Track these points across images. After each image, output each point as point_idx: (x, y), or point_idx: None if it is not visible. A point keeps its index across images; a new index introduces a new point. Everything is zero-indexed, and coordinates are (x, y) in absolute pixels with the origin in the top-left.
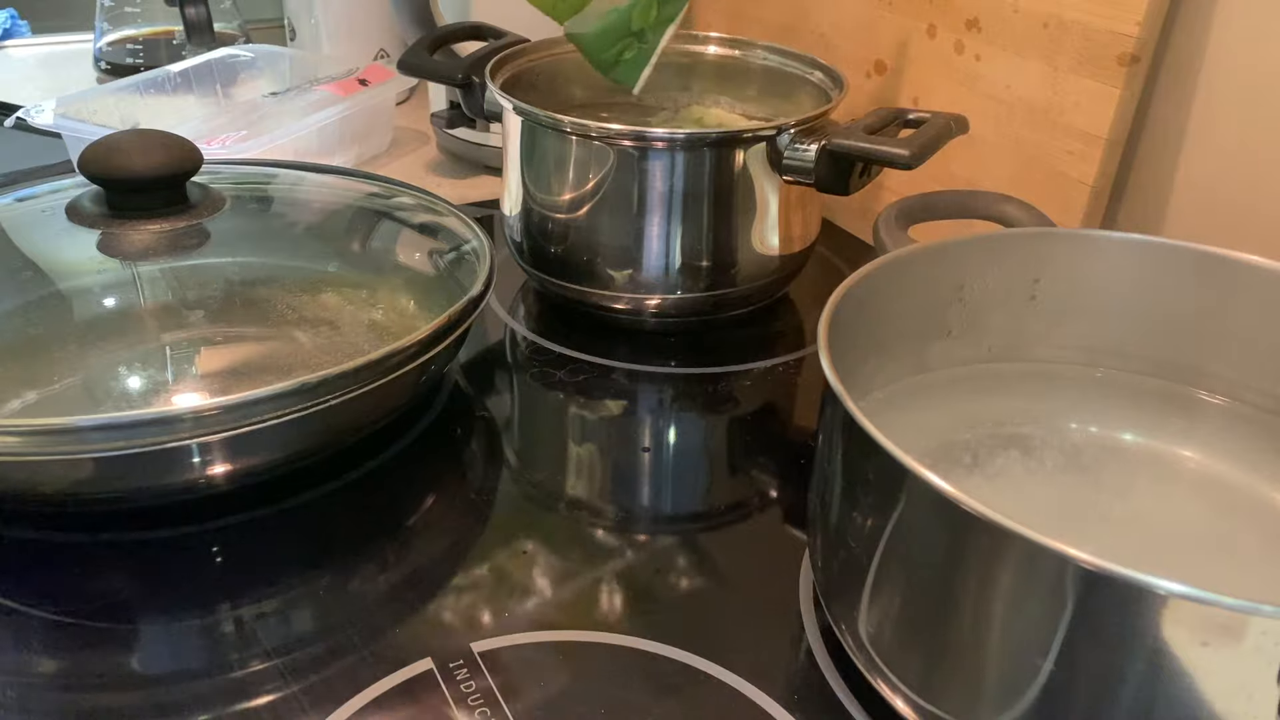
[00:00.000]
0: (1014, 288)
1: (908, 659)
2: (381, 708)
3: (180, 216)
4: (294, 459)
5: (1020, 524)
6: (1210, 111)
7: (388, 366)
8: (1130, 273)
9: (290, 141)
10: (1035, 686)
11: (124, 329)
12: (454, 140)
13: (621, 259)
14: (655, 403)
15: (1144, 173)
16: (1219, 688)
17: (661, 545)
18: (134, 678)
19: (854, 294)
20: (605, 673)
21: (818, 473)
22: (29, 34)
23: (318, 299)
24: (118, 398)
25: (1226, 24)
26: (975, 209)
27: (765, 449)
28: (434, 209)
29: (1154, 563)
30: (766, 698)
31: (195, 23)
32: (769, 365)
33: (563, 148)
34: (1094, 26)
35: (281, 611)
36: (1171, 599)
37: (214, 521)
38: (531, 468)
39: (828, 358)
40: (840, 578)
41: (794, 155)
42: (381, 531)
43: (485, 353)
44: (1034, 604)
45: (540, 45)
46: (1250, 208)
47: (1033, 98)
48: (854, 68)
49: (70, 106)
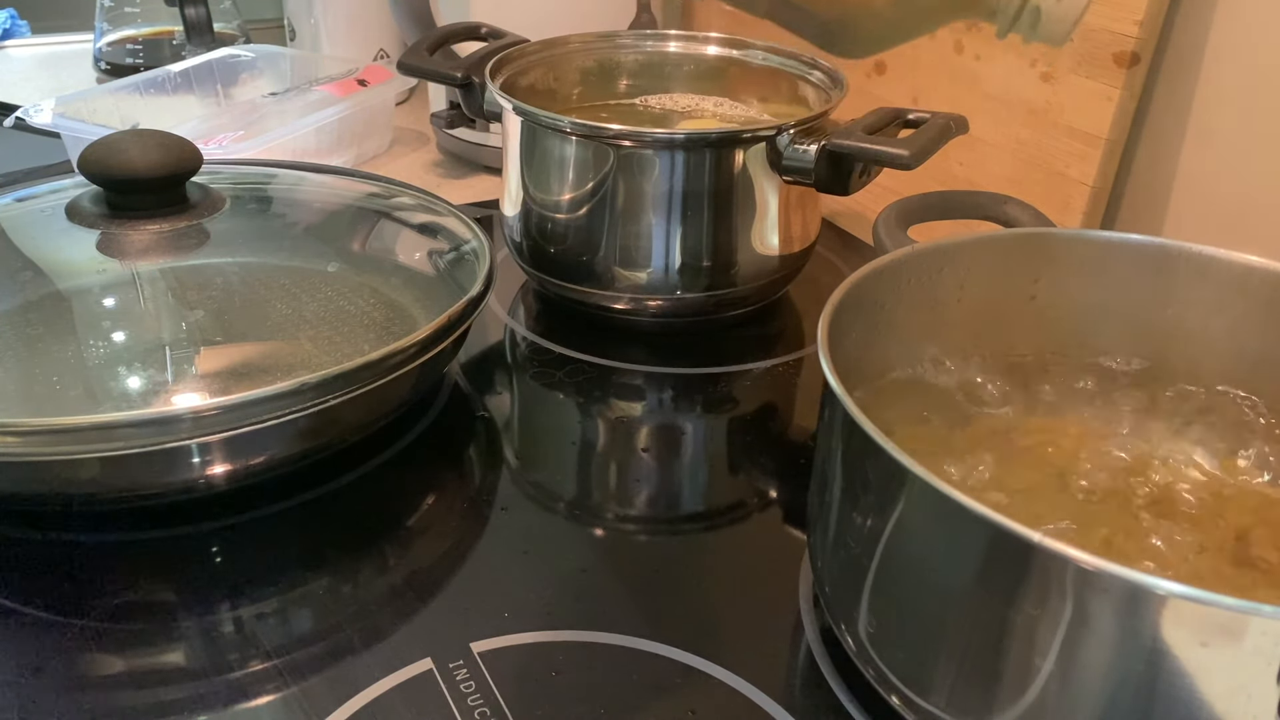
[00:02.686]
0: (1014, 288)
1: (907, 659)
2: (381, 708)
3: (180, 216)
4: (294, 459)
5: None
6: (1210, 111)
7: (388, 366)
8: (1130, 273)
9: (289, 141)
10: (1035, 686)
11: (123, 329)
12: (454, 140)
13: (621, 259)
14: (655, 403)
15: (1144, 173)
16: (1218, 688)
17: (661, 545)
18: (134, 678)
19: (854, 294)
20: (605, 673)
21: (818, 473)
22: (29, 34)
23: (317, 299)
24: (118, 398)
25: (1226, 24)
26: (975, 209)
27: (765, 449)
28: (434, 209)
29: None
30: (766, 698)
31: (195, 23)
32: (769, 365)
33: (563, 148)
34: (1093, 26)
35: (281, 611)
36: (1171, 599)
37: (214, 521)
38: (531, 468)
39: (827, 358)
40: (840, 578)
41: (794, 155)
42: (381, 531)
43: (485, 353)
44: (1033, 604)
45: (540, 45)
46: (1250, 208)
47: (1033, 98)
48: (854, 68)
49: (69, 106)
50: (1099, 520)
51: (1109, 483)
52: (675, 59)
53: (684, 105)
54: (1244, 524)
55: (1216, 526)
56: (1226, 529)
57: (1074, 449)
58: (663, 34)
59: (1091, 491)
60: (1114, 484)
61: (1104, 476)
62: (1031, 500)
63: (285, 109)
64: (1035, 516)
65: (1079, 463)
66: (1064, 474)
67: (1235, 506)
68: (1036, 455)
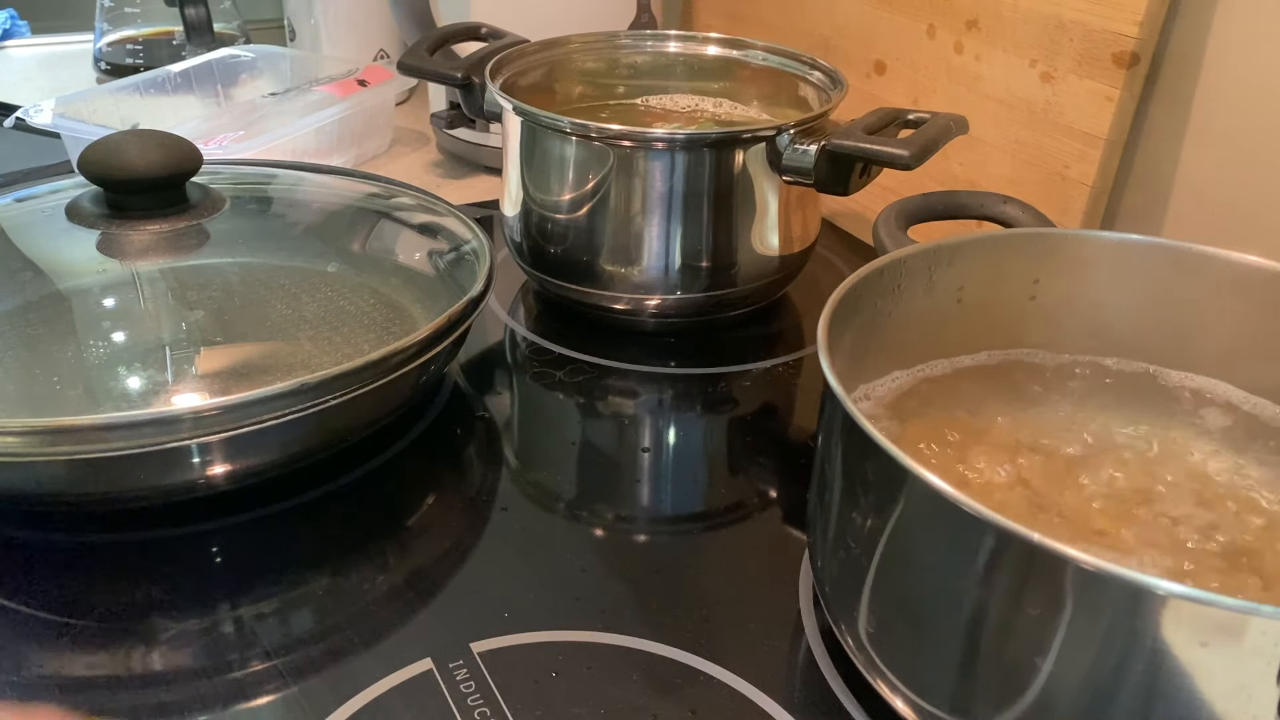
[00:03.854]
0: (1014, 288)
1: (907, 659)
2: (381, 708)
3: (180, 217)
4: (294, 459)
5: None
6: (1210, 111)
7: (388, 366)
8: (1130, 273)
9: (289, 142)
10: (1035, 686)
11: (123, 329)
12: (454, 140)
13: (621, 259)
14: (655, 403)
15: (1144, 173)
16: (1218, 688)
17: (661, 545)
18: (134, 678)
19: (854, 294)
20: (605, 673)
21: (818, 473)
22: (29, 34)
23: (317, 299)
24: (118, 398)
25: (1226, 24)
26: (975, 209)
27: (765, 449)
28: (434, 209)
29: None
30: (766, 698)
31: (195, 23)
32: (769, 365)
33: (563, 148)
34: (1093, 26)
35: (281, 611)
36: (1171, 599)
37: (214, 521)
38: (531, 468)
39: (827, 358)
40: (840, 578)
41: (794, 155)
42: (381, 531)
43: (485, 353)
44: (1033, 604)
45: (540, 45)
46: (1250, 207)
47: (1032, 98)
48: (854, 68)
49: (69, 106)
50: (1099, 519)
51: (1110, 482)
52: (675, 59)
53: (684, 105)
54: (1242, 523)
55: (1216, 525)
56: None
57: (1074, 449)
58: (663, 34)
59: (1092, 491)
60: (1114, 483)
61: (1104, 476)
62: (1032, 500)
63: (285, 109)
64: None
65: (1080, 462)
66: (1066, 473)
67: (1235, 506)
68: (1037, 455)
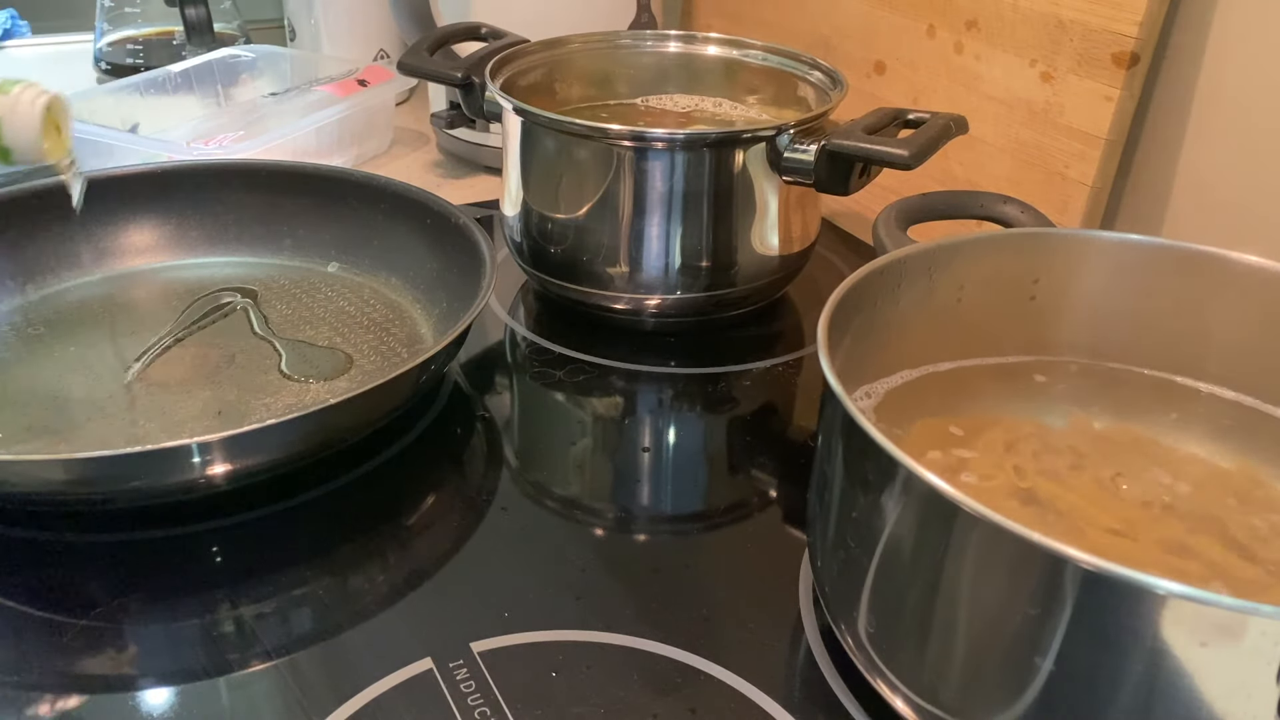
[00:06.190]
0: (1014, 288)
1: (907, 659)
2: (381, 707)
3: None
4: (294, 459)
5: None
6: (1210, 111)
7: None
8: (1129, 273)
9: (289, 141)
10: (1035, 686)
11: (123, 329)
12: (454, 140)
13: (621, 259)
14: (655, 403)
15: (1144, 173)
16: (1218, 688)
17: (661, 545)
18: (134, 678)
19: (854, 294)
20: (605, 673)
21: (818, 473)
22: (29, 34)
23: (317, 299)
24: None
25: (1226, 24)
26: (975, 209)
27: (765, 449)
28: (434, 209)
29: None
30: (766, 698)
31: (195, 23)
32: (769, 365)
33: (563, 148)
34: (1093, 26)
35: (281, 611)
36: (1171, 599)
37: (214, 521)
38: (531, 468)
39: (827, 358)
40: (840, 577)
41: (794, 155)
42: (382, 531)
43: (485, 353)
44: (1033, 604)
45: (540, 45)
46: (1250, 207)
47: (1032, 98)
48: (854, 68)
49: None
50: (1099, 518)
51: (1110, 481)
52: (675, 59)
53: (684, 105)
54: (1243, 519)
55: (1216, 521)
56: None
57: (1074, 448)
58: (663, 34)
59: (1093, 490)
60: (1115, 482)
61: (1105, 475)
62: (1032, 500)
63: (285, 109)
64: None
65: (1080, 462)
66: (1066, 473)
67: (1236, 503)
68: (1037, 454)
